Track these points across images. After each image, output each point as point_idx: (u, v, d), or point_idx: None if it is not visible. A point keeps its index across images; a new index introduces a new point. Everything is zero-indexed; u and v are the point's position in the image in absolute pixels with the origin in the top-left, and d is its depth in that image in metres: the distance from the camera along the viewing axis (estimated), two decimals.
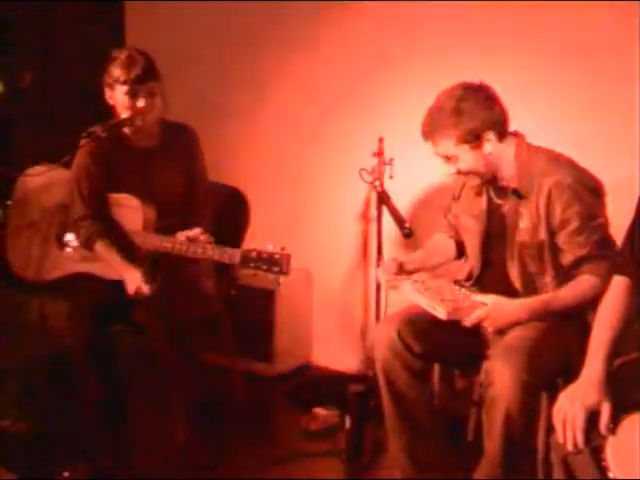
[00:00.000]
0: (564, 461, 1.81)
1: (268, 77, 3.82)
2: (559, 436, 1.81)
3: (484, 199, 2.52)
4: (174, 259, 2.71)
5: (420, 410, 2.48)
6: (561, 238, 2.35)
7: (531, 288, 2.43)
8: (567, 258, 2.36)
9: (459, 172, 2.42)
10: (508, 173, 2.41)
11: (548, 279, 2.41)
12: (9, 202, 3.82)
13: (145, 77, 2.70)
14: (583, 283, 2.32)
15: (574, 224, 2.31)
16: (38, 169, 3.07)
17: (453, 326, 2.43)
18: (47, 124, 4.30)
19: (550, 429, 1.90)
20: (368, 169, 3.02)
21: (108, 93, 2.79)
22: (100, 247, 2.85)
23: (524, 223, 2.39)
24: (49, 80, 4.49)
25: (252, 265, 2.48)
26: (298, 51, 3.72)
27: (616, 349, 1.90)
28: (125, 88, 2.71)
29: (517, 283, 2.45)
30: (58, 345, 3.04)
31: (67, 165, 2.88)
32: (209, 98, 3.89)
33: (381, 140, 3.11)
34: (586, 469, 1.76)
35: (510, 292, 2.42)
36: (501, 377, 2.17)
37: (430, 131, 2.36)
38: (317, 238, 3.80)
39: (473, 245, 2.56)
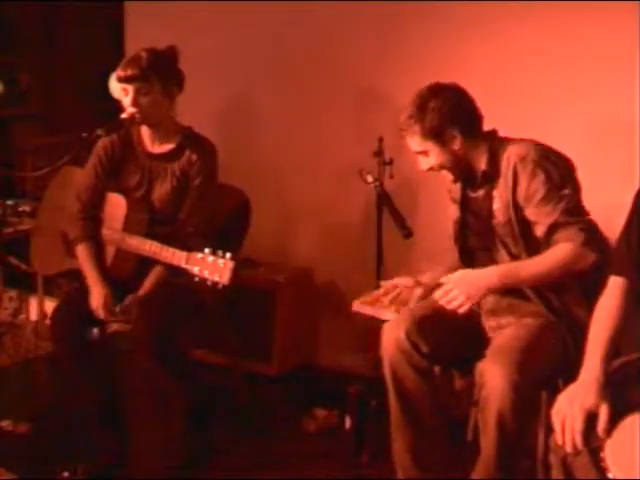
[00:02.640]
0: (563, 462, 1.81)
1: (268, 76, 3.82)
2: (558, 437, 1.81)
3: (460, 190, 2.57)
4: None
5: (425, 410, 2.49)
6: (530, 211, 2.34)
7: None
8: (540, 230, 2.34)
9: (431, 169, 2.48)
10: (481, 167, 2.45)
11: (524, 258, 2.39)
12: (10, 201, 3.84)
13: (135, 77, 2.69)
14: (557, 250, 2.29)
15: (540, 194, 2.31)
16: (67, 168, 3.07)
17: (459, 327, 2.45)
18: (47, 124, 4.32)
19: (549, 430, 1.90)
20: (368, 169, 3.02)
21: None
22: (80, 251, 2.87)
23: (497, 205, 2.41)
24: (49, 80, 4.50)
25: (195, 269, 2.42)
26: (298, 50, 3.72)
27: (614, 349, 1.90)
28: (119, 85, 2.75)
29: None
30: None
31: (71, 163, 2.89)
32: (209, 97, 3.89)
33: (381, 140, 3.11)
34: (585, 470, 1.76)
35: None
36: (492, 378, 2.17)
37: (402, 128, 2.47)
38: (317, 238, 3.80)
39: (456, 234, 2.60)
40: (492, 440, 2.21)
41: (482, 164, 2.44)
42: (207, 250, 2.41)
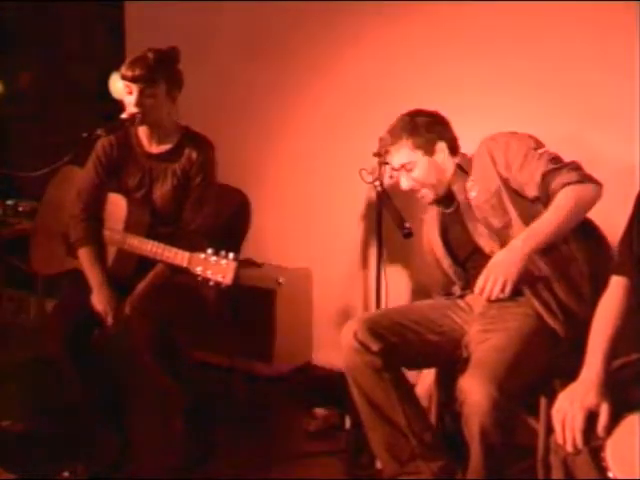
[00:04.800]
0: (564, 462, 1.80)
1: (269, 77, 3.83)
2: (558, 437, 1.80)
3: (436, 212, 2.63)
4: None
5: (393, 408, 2.48)
6: (515, 175, 2.39)
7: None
8: (531, 189, 2.37)
9: (412, 187, 2.53)
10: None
11: (516, 225, 2.38)
12: (10, 201, 3.84)
13: (141, 77, 2.68)
14: (561, 196, 2.29)
15: (519, 157, 2.38)
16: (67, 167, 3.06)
17: (422, 328, 2.50)
18: (47, 124, 4.32)
19: (550, 430, 1.90)
20: (368, 169, 3.02)
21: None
22: (83, 254, 2.84)
23: (474, 192, 2.46)
24: (49, 80, 4.50)
25: (198, 269, 2.43)
26: (300, 51, 3.73)
27: (615, 349, 1.90)
28: (121, 84, 2.75)
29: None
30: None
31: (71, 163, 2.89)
32: (209, 98, 3.89)
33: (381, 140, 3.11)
34: (586, 469, 1.76)
35: None
36: (471, 396, 2.15)
37: (389, 142, 2.55)
38: (317, 238, 3.81)
39: (441, 254, 2.62)
40: (478, 453, 2.21)
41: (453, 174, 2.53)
42: (210, 250, 2.42)
